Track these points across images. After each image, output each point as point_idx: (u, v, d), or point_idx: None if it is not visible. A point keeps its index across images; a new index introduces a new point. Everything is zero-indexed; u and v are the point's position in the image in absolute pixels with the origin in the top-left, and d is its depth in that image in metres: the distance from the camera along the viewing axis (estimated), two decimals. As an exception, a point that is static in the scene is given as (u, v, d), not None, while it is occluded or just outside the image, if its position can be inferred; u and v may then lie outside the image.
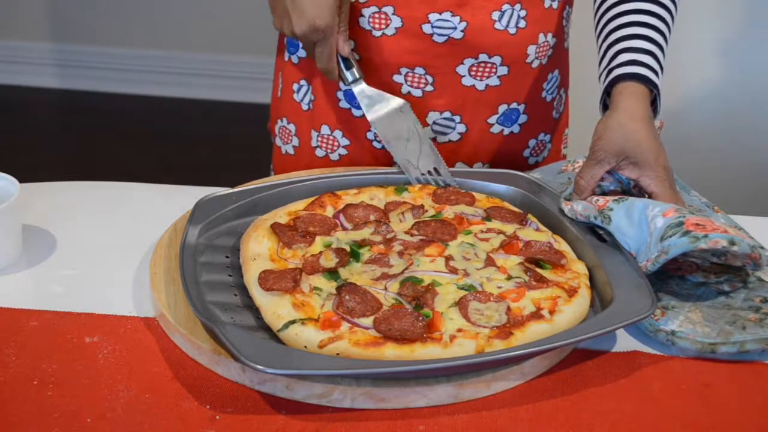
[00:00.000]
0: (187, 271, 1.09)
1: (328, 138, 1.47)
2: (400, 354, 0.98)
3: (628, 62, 1.26)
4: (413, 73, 1.39)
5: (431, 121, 1.43)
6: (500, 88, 1.41)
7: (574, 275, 1.12)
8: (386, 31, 1.37)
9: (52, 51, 3.77)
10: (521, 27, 1.38)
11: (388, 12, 1.36)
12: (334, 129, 1.47)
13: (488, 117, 1.44)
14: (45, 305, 1.12)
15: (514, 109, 1.44)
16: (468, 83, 1.40)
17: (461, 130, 1.44)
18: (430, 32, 1.36)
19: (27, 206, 1.25)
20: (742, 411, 1.01)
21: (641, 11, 1.28)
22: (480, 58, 1.38)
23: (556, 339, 1.01)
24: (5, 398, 0.98)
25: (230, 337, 0.98)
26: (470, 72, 1.39)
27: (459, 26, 1.35)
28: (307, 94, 1.48)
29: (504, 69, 1.40)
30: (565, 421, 0.98)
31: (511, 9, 1.36)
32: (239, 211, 1.24)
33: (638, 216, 1.15)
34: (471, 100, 1.41)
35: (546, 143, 1.52)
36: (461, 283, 1.09)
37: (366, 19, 1.37)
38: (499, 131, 1.45)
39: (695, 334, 1.07)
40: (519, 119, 1.46)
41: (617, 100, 1.23)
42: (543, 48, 1.42)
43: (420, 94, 1.41)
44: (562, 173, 1.37)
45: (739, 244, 1.08)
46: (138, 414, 0.97)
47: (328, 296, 1.06)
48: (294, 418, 0.97)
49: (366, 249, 1.15)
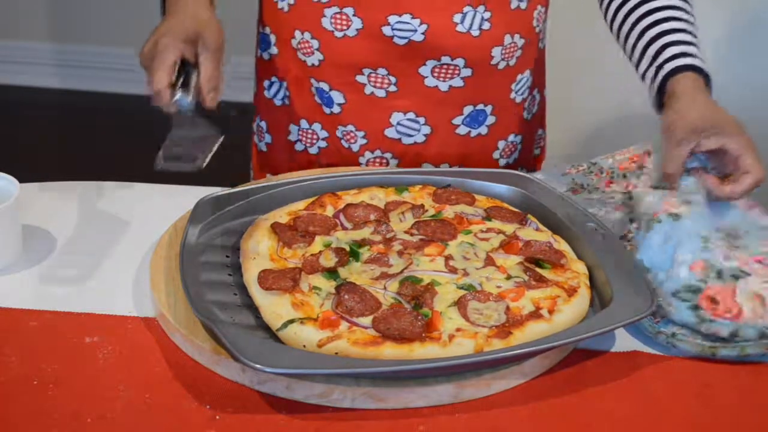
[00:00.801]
0: (187, 271, 1.09)
1: (307, 132, 1.47)
2: (398, 353, 0.98)
3: (678, 55, 1.26)
4: (376, 74, 1.39)
5: (395, 122, 1.42)
6: (464, 90, 1.40)
7: (573, 275, 1.12)
8: (348, 32, 1.36)
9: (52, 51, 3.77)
10: (485, 29, 1.36)
11: (349, 13, 1.35)
12: (312, 122, 1.46)
13: (453, 118, 1.43)
14: (45, 305, 1.12)
15: (480, 110, 1.43)
16: (431, 84, 1.39)
17: (426, 132, 1.43)
18: (390, 34, 1.35)
19: (27, 206, 1.25)
20: (742, 411, 1.01)
21: (669, 7, 1.30)
22: (442, 60, 1.37)
23: (555, 338, 1.01)
24: (5, 398, 0.98)
25: (229, 336, 0.98)
26: (433, 73, 1.38)
27: (419, 29, 1.34)
28: (281, 90, 1.47)
29: (468, 71, 1.39)
30: (565, 421, 0.98)
31: (473, 11, 1.35)
32: (239, 210, 1.24)
33: (670, 250, 1.14)
34: (434, 100, 1.40)
35: (517, 144, 1.51)
36: (461, 282, 1.09)
37: (328, 20, 1.36)
38: (466, 132, 1.44)
39: (695, 337, 1.07)
40: (486, 120, 1.45)
41: (679, 90, 1.24)
42: (510, 49, 1.40)
43: (383, 94, 1.40)
44: (566, 175, 1.36)
45: (742, 334, 1.07)
46: (138, 414, 0.97)
47: (327, 296, 1.06)
48: (294, 418, 0.97)
49: (366, 248, 1.15)
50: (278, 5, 1.42)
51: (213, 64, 1.21)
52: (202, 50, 1.21)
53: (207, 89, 1.20)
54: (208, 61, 1.21)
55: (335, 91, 1.42)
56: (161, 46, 1.19)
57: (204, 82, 1.20)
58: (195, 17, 1.23)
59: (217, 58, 1.22)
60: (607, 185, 1.31)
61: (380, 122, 1.43)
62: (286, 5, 1.40)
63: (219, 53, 1.22)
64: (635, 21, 1.32)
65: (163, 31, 1.21)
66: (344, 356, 0.98)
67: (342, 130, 1.44)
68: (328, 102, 1.43)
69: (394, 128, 1.42)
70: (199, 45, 1.21)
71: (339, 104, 1.42)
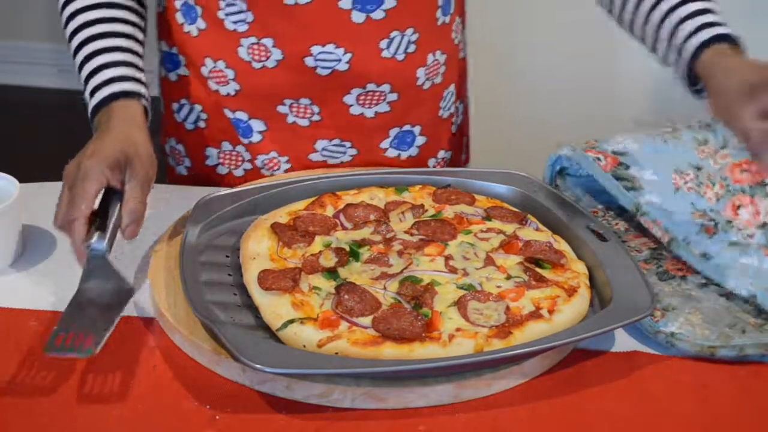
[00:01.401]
0: (187, 271, 1.09)
1: (231, 153, 1.41)
2: (398, 353, 0.98)
3: (710, 24, 1.18)
4: (298, 104, 1.34)
5: (320, 148, 1.39)
6: (391, 114, 1.37)
7: (573, 275, 1.12)
8: (267, 63, 1.31)
9: (52, 51, 3.77)
10: (410, 52, 1.33)
11: (268, 44, 1.29)
12: (235, 145, 1.40)
13: (380, 142, 1.40)
14: (45, 305, 1.12)
15: (407, 132, 1.40)
16: (356, 112, 1.35)
17: (353, 153, 1.40)
18: (313, 65, 1.30)
19: (27, 206, 1.25)
20: (742, 411, 1.01)
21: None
22: (368, 87, 1.33)
23: (554, 338, 1.01)
24: (5, 398, 0.98)
25: (229, 336, 0.98)
26: (358, 101, 1.34)
27: (344, 58, 1.29)
28: (192, 114, 1.40)
29: (394, 95, 1.35)
30: (565, 421, 0.98)
31: (400, 35, 1.31)
32: (239, 210, 1.24)
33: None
34: (360, 127, 1.37)
35: (447, 159, 1.49)
36: (460, 282, 1.09)
37: (245, 50, 1.31)
38: (395, 155, 1.42)
39: (694, 337, 1.07)
40: (416, 141, 1.42)
41: (716, 59, 1.14)
42: (433, 68, 1.37)
43: (307, 123, 1.36)
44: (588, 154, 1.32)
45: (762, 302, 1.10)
46: (138, 414, 0.97)
47: (327, 296, 1.06)
48: (294, 418, 0.97)
49: (366, 248, 1.15)
50: (184, 28, 1.34)
51: (138, 197, 1.09)
52: (129, 178, 1.09)
53: (127, 221, 1.08)
54: (134, 191, 1.09)
55: (254, 120, 1.37)
56: (84, 171, 1.07)
57: (125, 213, 1.08)
58: (127, 140, 1.11)
59: (145, 190, 1.10)
60: None
61: (304, 149, 1.39)
62: (194, 29, 1.33)
63: (147, 185, 1.10)
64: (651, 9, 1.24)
65: (89, 152, 1.09)
66: (344, 356, 0.98)
67: (263, 159, 1.39)
68: (245, 132, 1.38)
69: (319, 153, 1.39)
70: (126, 172, 1.09)
71: (259, 132, 1.38)
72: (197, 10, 1.32)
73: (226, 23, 1.30)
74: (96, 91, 1.19)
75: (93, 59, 1.22)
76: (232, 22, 1.30)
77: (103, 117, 1.17)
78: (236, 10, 1.29)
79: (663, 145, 1.29)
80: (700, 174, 1.26)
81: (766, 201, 1.22)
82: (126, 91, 1.19)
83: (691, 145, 1.29)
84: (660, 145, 1.29)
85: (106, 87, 1.19)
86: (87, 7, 1.26)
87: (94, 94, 1.19)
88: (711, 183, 1.25)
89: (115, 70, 1.20)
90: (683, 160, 1.27)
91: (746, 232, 1.19)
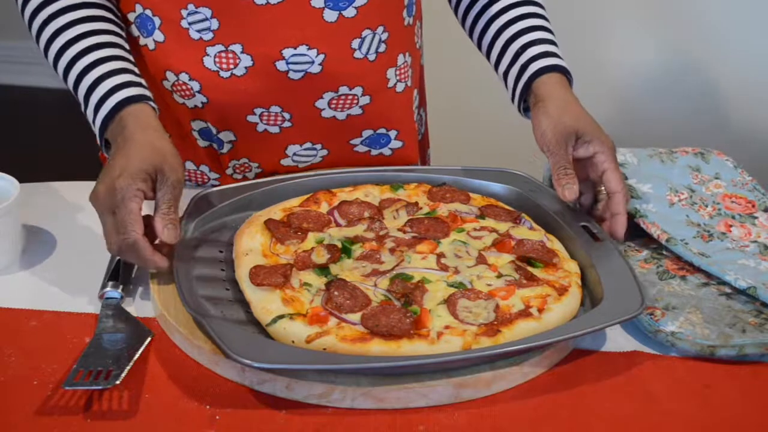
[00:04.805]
0: (181, 265, 1.09)
1: (195, 173, 1.40)
2: (386, 350, 0.98)
3: (541, 54, 1.27)
4: (269, 112, 1.31)
5: (291, 153, 1.37)
6: (363, 117, 1.36)
7: (565, 274, 1.12)
8: (235, 71, 1.27)
9: (53, 51, 3.77)
10: (381, 51, 1.31)
11: (236, 50, 1.26)
12: (199, 165, 1.39)
13: (351, 139, 1.39)
14: (45, 305, 1.12)
15: (382, 134, 1.39)
16: (328, 116, 1.33)
17: (323, 154, 1.39)
18: (285, 69, 1.27)
19: (27, 206, 1.25)
20: (742, 411, 1.01)
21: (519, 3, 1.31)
22: (340, 90, 1.31)
23: (543, 337, 1.01)
24: (5, 398, 0.98)
25: (217, 330, 0.98)
26: (330, 105, 1.32)
27: (317, 59, 1.27)
28: None
29: (366, 98, 1.34)
30: (565, 420, 0.98)
31: (372, 34, 1.29)
32: (235, 206, 1.23)
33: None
34: (331, 129, 1.36)
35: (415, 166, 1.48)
36: (451, 280, 1.09)
37: (211, 59, 1.26)
38: (365, 151, 1.40)
39: (695, 336, 1.07)
40: (390, 144, 1.41)
41: (546, 91, 1.25)
42: (402, 69, 1.36)
43: (277, 130, 1.34)
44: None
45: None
46: (138, 414, 0.97)
47: (317, 292, 1.06)
48: (294, 418, 0.97)
49: (358, 245, 1.15)
50: (140, 41, 1.29)
51: (171, 201, 1.09)
52: (159, 186, 1.09)
53: (163, 224, 1.08)
54: (167, 195, 1.09)
55: (225, 132, 1.34)
56: (121, 194, 1.06)
57: (158, 218, 1.09)
58: (151, 149, 1.10)
59: (177, 194, 1.10)
60: None
61: (275, 155, 1.37)
62: (151, 42, 1.28)
63: (179, 188, 1.10)
64: (489, 20, 1.31)
65: (117, 172, 1.07)
66: (332, 352, 0.98)
67: (234, 164, 1.37)
68: (218, 145, 1.35)
69: (290, 158, 1.38)
70: (158, 180, 1.09)
71: (229, 142, 1.35)
72: (155, 21, 1.27)
73: (190, 32, 1.26)
74: (101, 103, 1.16)
75: (89, 73, 1.17)
76: (197, 30, 1.25)
77: (117, 128, 1.14)
78: (200, 18, 1.25)
79: (660, 164, 1.32)
80: (694, 195, 1.29)
81: (756, 228, 1.24)
82: (132, 96, 1.16)
83: (686, 171, 1.32)
84: (657, 165, 1.32)
85: (112, 97, 1.15)
86: (68, 24, 1.21)
87: (100, 108, 1.16)
88: (704, 204, 1.28)
89: (116, 78, 1.17)
90: (678, 182, 1.30)
91: (740, 243, 1.21)
